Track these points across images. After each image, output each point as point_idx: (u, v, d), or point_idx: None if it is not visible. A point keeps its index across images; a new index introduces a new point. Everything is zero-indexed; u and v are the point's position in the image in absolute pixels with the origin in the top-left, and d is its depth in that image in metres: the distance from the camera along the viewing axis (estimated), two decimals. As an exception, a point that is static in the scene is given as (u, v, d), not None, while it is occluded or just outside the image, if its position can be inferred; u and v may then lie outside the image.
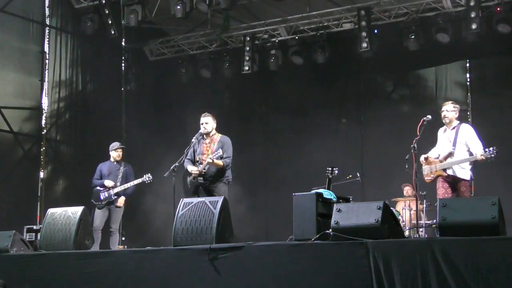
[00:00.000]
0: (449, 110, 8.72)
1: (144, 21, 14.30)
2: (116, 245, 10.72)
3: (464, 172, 8.51)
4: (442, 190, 8.56)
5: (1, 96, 13.46)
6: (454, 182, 8.52)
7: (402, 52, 13.56)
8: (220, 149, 9.26)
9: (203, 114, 9.66)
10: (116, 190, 10.78)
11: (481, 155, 8.34)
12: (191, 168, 9.40)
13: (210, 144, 9.49)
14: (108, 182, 10.86)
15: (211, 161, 9.18)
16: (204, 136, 9.56)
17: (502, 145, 12.49)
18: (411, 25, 13.36)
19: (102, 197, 10.79)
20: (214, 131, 9.60)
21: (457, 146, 8.51)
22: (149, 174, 11.02)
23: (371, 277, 5.94)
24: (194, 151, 9.57)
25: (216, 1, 13.41)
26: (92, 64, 14.85)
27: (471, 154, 8.54)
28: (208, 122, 9.54)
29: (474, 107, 13.51)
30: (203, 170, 9.30)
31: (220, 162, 9.29)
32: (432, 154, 8.80)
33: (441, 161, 8.57)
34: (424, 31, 13.31)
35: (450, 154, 8.52)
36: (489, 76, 13.31)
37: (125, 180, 10.95)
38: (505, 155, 12.51)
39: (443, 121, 8.72)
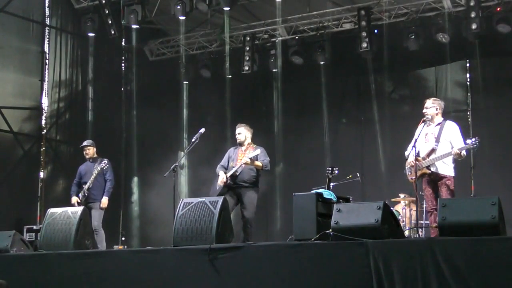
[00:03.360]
0: (428, 106, 8.57)
1: (144, 21, 14.31)
2: (103, 242, 10.63)
3: (447, 168, 8.38)
4: (429, 191, 8.51)
5: (1, 96, 13.46)
6: (436, 179, 8.43)
7: (402, 52, 13.56)
8: (258, 149, 9.38)
9: (237, 125, 9.90)
10: (86, 186, 10.69)
11: (458, 149, 8.20)
12: (221, 177, 9.52)
13: (245, 151, 9.63)
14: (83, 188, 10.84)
15: (248, 160, 9.27)
16: (240, 145, 9.74)
17: (502, 144, 12.59)
18: (411, 25, 13.37)
19: (81, 197, 10.75)
20: (249, 140, 9.74)
21: (440, 143, 8.40)
22: (105, 160, 10.87)
23: (371, 277, 5.94)
24: (229, 158, 9.69)
25: (216, 1, 13.42)
26: (92, 64, 14.85)
27: None
28: (240, 133, 9.76)
29: (474, 107, 13.50)
30: (237, 173, 9.38)
31: (259, 163, 9.40)
32: (410, 149, 8.62)
33: (424, 159, 8.47)
34: (424, 31, 13.31)
35: (433, 151, 8.42)
36: (489, 76, 13.29)
37: (102, 176, 10.85)
38: (505, 155, 12.60)
39: (425, 118, 8.58)
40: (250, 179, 9.53)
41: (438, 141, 8.40)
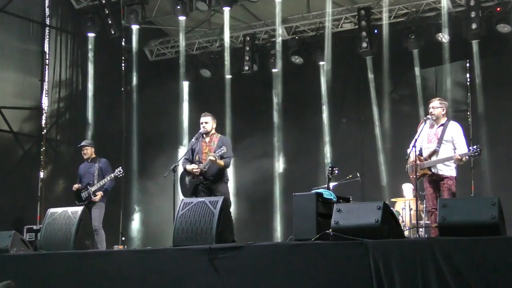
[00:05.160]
0: (435, 106, 8.58)
1: (144, 21, 14.31)
2: (103, 242, 10.61)
3: (448, 169, 8.37)
4: (430, 190, 8.52)
5: (1, 96, 13.47)
6: (438, 180, 8.44)
7: (402, 52, 13.57)
8: (223, 147, 9.26)
9: (202, 114, 9.67)
10: (93, 188, 10.66)
11: (459, 155, 8.24)
12: (191, 167, 9.36)
13: (210, 143, 9.49)
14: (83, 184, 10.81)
15: (214, 159, 9.16)
16: (204, 135, 9.56)
17: (502, 145, 12.60)
18: (411, 25, 13.38)
19: (83, 197, 10.71)
20: (213, 131, 9.61)
21: (443, 144, 8.41)
22: (120, 167, 10.80)
23: (371, 277, 5.94)
24: (192, 150, 9.56)
25: (216, 1, 13.42)
26: (92, 64, 14.83)
27: None
28: (208, 122, 9.53)
29: (474, 107, 13.50)
30: (204, 169, 9.29)
31: (221, 162, 9.29)
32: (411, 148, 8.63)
33: (425, 159, 8.48)
34: (424, 31, 13.33)
35: (435, 152, 8.44)
36: (489, 76, 13.29)
37: (102, 176, 10.82)
38: (505, 155, 12.60)
39: (430, 117, 8.59)
40: (217, 171, 9.35)
41: (440, 142, 8.40)
